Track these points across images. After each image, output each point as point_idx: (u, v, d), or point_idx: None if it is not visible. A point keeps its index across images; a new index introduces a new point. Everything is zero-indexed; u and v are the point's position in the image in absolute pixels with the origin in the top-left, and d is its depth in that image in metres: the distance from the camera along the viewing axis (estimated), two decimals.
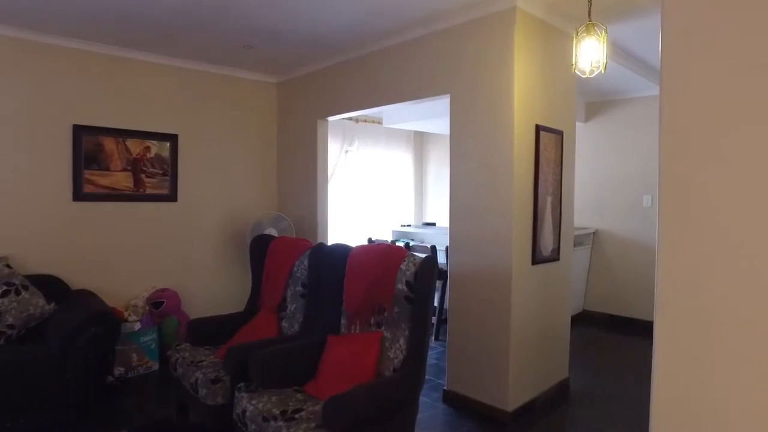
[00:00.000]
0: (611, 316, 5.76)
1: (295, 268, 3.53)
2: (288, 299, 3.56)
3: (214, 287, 4.82)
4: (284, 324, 3.52)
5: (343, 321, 3.09)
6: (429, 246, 5.08)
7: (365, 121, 6.58)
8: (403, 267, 2.84)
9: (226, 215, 4.96)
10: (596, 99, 5.81)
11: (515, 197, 3.27)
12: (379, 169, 6.76)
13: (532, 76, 3.38)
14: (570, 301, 3.97)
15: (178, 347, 3.46)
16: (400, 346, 2.79)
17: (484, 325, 3.46)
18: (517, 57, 3.23)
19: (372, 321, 2.94)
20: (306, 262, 3.44)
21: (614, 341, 5.25)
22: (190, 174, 4.73)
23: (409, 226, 6.37)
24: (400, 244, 5.42)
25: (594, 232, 5.86)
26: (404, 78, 3.96)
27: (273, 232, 4.78)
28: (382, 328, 2.89)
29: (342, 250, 3.19)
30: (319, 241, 4.86)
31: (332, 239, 6.21)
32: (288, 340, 3.29)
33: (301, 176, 5.00)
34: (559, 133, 3.63)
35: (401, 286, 2.81)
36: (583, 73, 2.85)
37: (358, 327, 2.99)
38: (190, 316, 4.61)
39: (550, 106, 3.59)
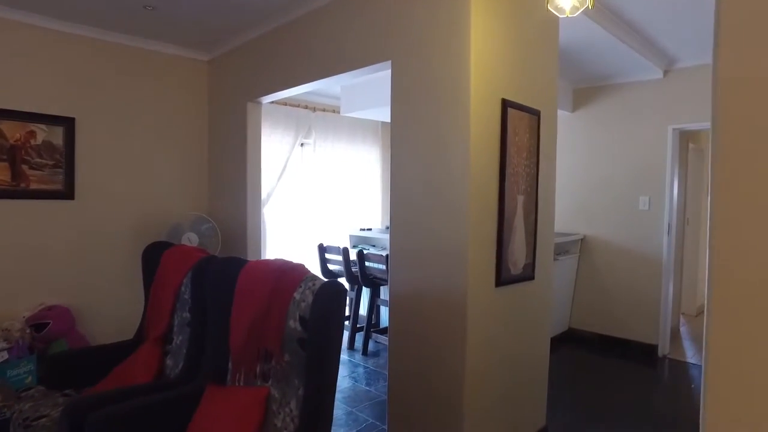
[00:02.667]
0: (601, 336, 4.83)
1: (183, 288, 2.60)
2: (175, 328, 2.62)
3: (122, 304, 3.85)
4: (168, 362, 2.59)
5: (230, 365, 2.16)
6: (385, 255, 4.15)
7: (324, 110, 5.64)
8: (297, 296, 1.90)
9: (141, 217, 4.01)
10: (585, 84, 4.88)
11: (472, 196, 2.34)
12: (340, 165, 5.82)
13: (496, 36, 2.46)
14: (548, 330, 3.03)
15: (25, 393, 2.53)
16: (291, 410, 1.86)
17: (431, 366, 2.52)
18: (476, 11, 2.31)
19: (258, 371, 2.01)
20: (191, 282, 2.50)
21: (606, 368, 4.32)
22: (93, 166, 3.78)
23: (370, 230, 5.43)
24: (355, 251, 4.49)
25: (581, 239, 4.93)
26: (340, 46, 3.03)
27: (193, 237, 3.84)
28: (269, 382, 1.96)
29: (235, 267, 2.25)
30: (250, 249, 3.92)
31: (277, 246, 5.30)
32: (161, 388, 2.34)
33: (233, 171, 4.06)
34: (535, 113, 2.70)
35: (294, 323, 1.88)
36: (562, 12, 1.92)
37: (242, 377, 2.06)
38: (91, 339, 3.67)
39: (522, 77, 2.66)
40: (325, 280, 1.89)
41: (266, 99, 3.84)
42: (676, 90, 4.37)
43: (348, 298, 5.02)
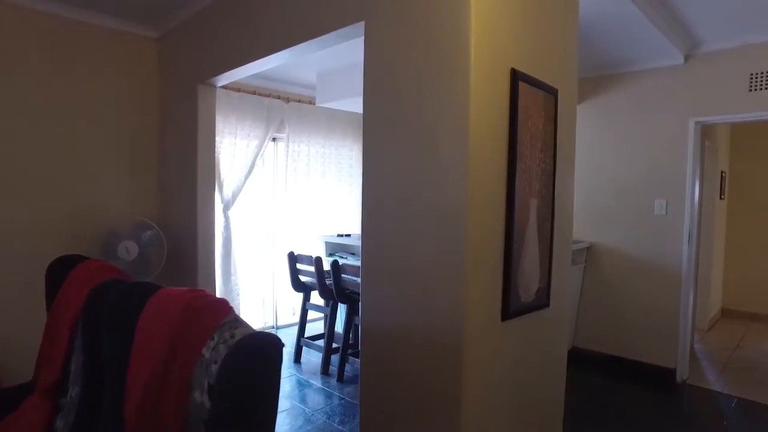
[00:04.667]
0: (610, 357, 4.19)
1: (82, 323, 1.89)
2: (71, 375, 1.92)
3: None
4: (59, 423, 1.88)
5: None
6: None
7: (299, 100, 4.94)
8: (206, 353, 1.22)
9: (69, 223, 3.28)
10: (593, 72, 4.24)
11: (471, 201, 1.68)
12: (317, 162, 5.13)
13: None
14: (564, 368, 2.37)
15: None
16: None
17: (416, 424, 1.85)
18: None
19: None
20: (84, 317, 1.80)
21: (617, 396, 3.68)
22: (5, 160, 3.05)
23: (349, 236, 4.75)
24: (329, 260, 3.81)
25: (588, 247, 4.30)
26: (301, 9, 2.35)
27: (131, 247, 3.13)
28: None
29: (139, 297, 1.56)
30: (201, 263, 3.23)
31: (244, 255, 4.58)
32: None
33: (183, 168, 3.36)
34: (552, 93, 2.04)
35: (200, 395, 1.20)
36: None
37: None
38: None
39: (536, 44, 2.00)
40: (251, 329, 1.21)
41: (220, 81, 3.14)
42: (700, 77, 3.74)
43: (323, 314, 4.35)
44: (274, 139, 5.00)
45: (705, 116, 3.74)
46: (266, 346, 1.15)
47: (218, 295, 4.48)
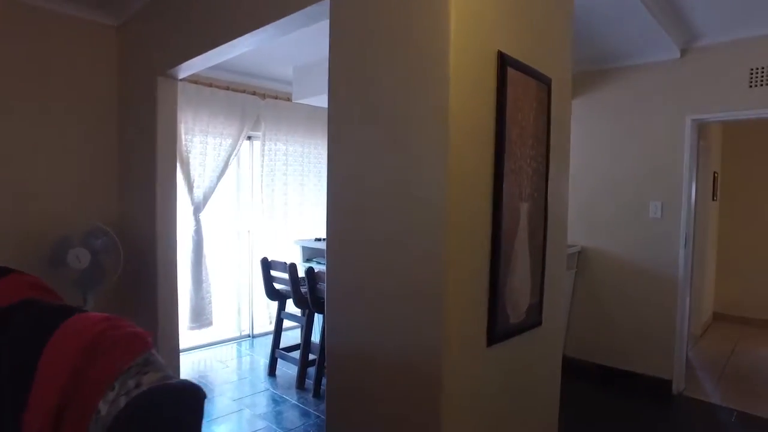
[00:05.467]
0: (602, 367, 3.95)
1: None
2: None
3: None
4: None
5: None
6: None
7: (276, 96, 4.64)
8: (102, 407, 0.93)
9: (15, 225, 2.96)
10: (586, 67, 4.00)
11: (451, 205, 1.41)
12: (295, 162, 4.83)
13: None
14: (558, 393, 2.11)
15: None
16: None
17: None
18: None
19: None
20: None
21: (610, 409, 3.44)
22: None
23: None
24: (305, 266, 3.52)
25: (579, 252, 4.06)
26: None
27: (83, 255, 2.81)
28: None
29: (49, 324, 1.26)
30: (160, 265, 2.92)
31: (216, 260, 4.23)
32: None
33: (143, 167, 3.05)
34: (545, 82, 1.78)
35: None
36: None
37: None
38: None
39: (526, 27, 1.74)
40: (163, 374, 0.93)
41: (182, 72, 2.84)
42: (697, 72, 3.51)
43: (299, 324, 4.06)
44: (249, 138, 4.70)
45: (702, 114, 3.51)
46: (178, 400, 0.86)
47: (189, 304, 4.18)
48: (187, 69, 2.79)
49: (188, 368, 4.01)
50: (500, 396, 1.69)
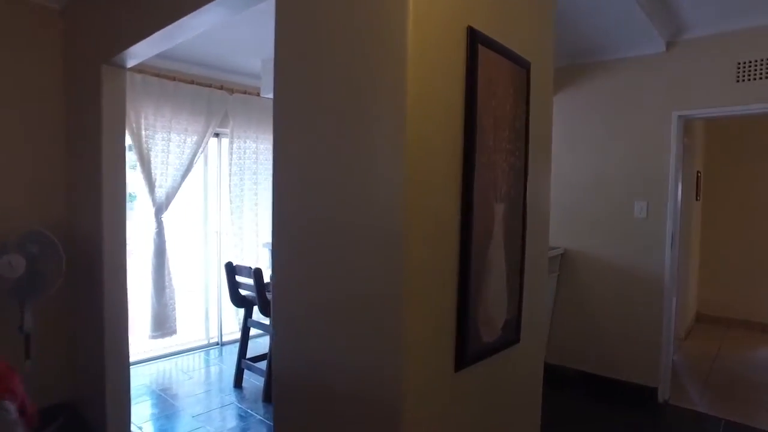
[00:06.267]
0: (585, 374, 3.75)
1: None
2: None
3: None
4: None
5: None
6: None
7: (244, 92, 4.36)
8: None
9: None
10: (567, 62, 3.79)
11: (413, 210, 1.16)
12: (267, 159, 4.55)
13: None
14: (537, 414, 1.88)
15: None
16: None
17: None
18: None
19: None
20: None
21: (594, 420, 3.23)
22: None
23: None
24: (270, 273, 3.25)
25: (562, 254, 3.85)
26: None
27: (17, 261, 2.51)
28: None
29: None
30: (107, 271, 2.63)
31: (180, 266, 3.91)
32: None
33: (90, 165, 2.76)
34: (523, 66, 1.54)
35: None
36: None
37: None
38: None
39: (502, 3, 1.50)
40: None
41: (130, 59, 2.55)
42: (683, 67, 3.32)
43: (266, 332, 3.79)
44: (217, 135, 4.41)
45: (688, 110, 3.32)
46: None
47: (150, 311, 3.88)
48: (135, 56, 2.50)
49: (149, 380, 3.72)
50: (472, 424, 1.45)
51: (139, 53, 2.45)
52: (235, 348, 4.34)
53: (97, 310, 2.68)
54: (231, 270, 3.47)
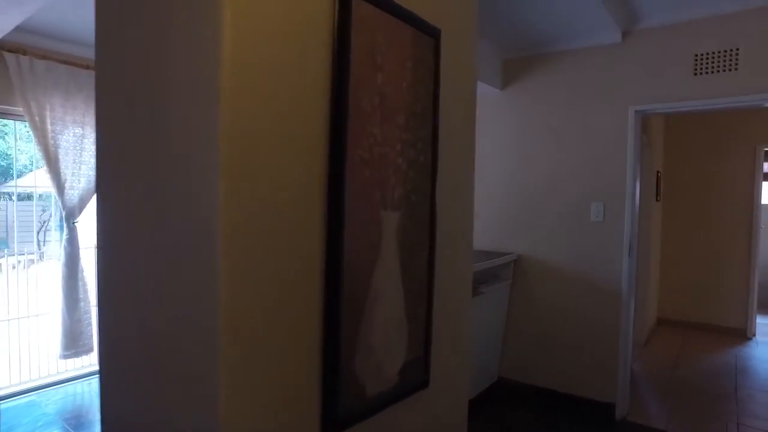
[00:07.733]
0: (540, 389, 3.44)
1: None
2: None
3: None
4: None
5: None
6: None
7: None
8: None
9: None
10: (519, 53, 3.47)
11: (235, 229, 0.78)
12: None
13: None
14: None
15: None
16: None
17: None
18: None
19: None
20: None
21: None
22: None
23: None
24: None
25: (515, 260, 3.53)
26: None
27: None
28: None
29: None
30: None
31: (89, 272, 3.42)
32: None
33: None
34: (430, 33, 1.18)
35: None
36: None
37: None
38: None
39: None
40: None
41: None
42: (639, 58, 3.04)
43: None
44: None
45: (646, 104, 3.04)
46: None
47: (61, 327, 3.40)
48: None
49: (60, 406, 3.25)
50: None
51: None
52: None
53: None
54: None
